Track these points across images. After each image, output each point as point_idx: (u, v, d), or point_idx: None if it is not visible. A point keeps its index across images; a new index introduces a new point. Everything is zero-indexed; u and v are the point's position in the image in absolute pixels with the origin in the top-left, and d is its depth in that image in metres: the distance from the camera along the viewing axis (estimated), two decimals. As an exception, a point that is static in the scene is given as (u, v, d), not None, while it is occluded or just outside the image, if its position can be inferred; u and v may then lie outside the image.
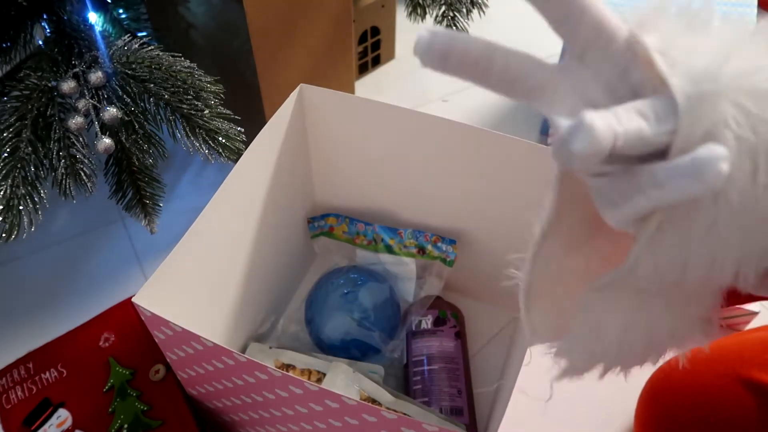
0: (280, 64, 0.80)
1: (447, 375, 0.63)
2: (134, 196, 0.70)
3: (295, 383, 0.43)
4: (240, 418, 0.55)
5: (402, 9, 1.26)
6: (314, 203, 0.76)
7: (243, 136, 0.65)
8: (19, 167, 0.58)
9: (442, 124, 0.59)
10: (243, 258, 0.60)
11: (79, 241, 0.85)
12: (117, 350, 0.59)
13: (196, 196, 0.89)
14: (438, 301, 0.70)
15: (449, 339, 0.66)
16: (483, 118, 1.03)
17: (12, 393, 0.57)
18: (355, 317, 0.64)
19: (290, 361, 0.61)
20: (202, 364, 0.48)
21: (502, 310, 0.76)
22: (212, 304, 0.57)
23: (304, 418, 0.47)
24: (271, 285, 0.68)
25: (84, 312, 0.77)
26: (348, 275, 0.67)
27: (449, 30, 0.25)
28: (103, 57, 0.63)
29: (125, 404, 0.55)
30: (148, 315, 0.45)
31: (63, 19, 0.66)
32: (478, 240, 0.68)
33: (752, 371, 0.51)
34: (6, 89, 0.66)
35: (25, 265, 0.82)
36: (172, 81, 0.62)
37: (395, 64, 1.15)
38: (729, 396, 0.51)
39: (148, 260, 0.82)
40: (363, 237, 0.72)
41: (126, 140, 0.65)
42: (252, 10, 0.70)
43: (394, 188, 0.69)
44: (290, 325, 0.71)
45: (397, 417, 0.40)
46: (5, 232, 0.57)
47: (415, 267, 0.69)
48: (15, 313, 0.77)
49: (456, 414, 0.61)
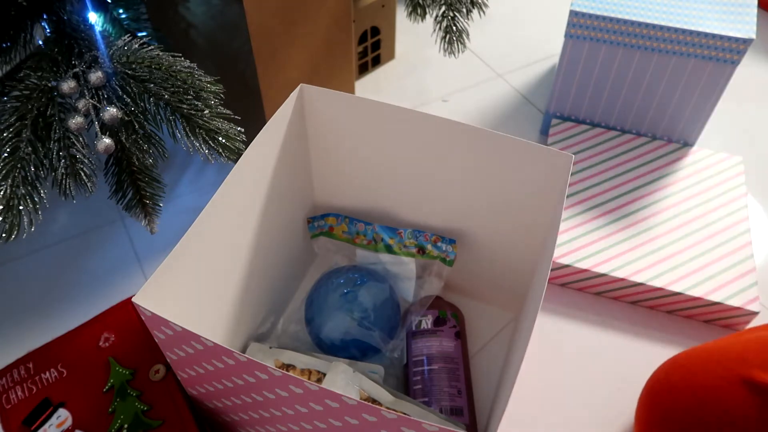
0: (280, 64, 0.80)
1: (447, 375, 0.63)
2: (134, 196, 0.70)
3: (295, 383, 0.43)
4: (240, 418, 0.55)
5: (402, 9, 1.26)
6: (314, 203, 0.76)
7: (243, 136, 0.65)
8: (19, 167, 0.58)
9: (442, 124, 0.59)
10: (243, 258, 0.60)
11: (79, 241, 0.85)
12: (117, 350, 0.59)
13: (196, 196, 0.89)
14: (438, 301, 0.70)
15: (449, 339, 0.66)
16: (483, 118, 1.03)
17: (12, 393, 0.57)
18: (355, 317, 0.64)
19: (290, 361, 0.61)
20: (202, 364, 0.48)
21: (502, 310, 0.76)
22: (212, 304, 0.57)
23: (304, 417, 0.47)
24: (271, 285, 0.68)
25: (84, 312, 0.77)
26: (348, 275, 0.67)
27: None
28: (103, 57, 0.63)
29: (125, 404, 0.55)
30: (148, 315, 0.45)
31: (63, 19, 0.66)
32: (478, 240, 0.69)
33: (753, 371, 0.51)
34: (6, 89, 0.66)
35: (25, 265, 0.82)
36: (172, 81, 0.62)
37: (395, 64, 1.15)
38: (730, 396, 0.51)
39: (148, 260, 0.82)
40: (363, 237, 0.72)
41: (126, 140, 0.65)
42: (252, 10, 0.70)
43: (394, 188, 0.69)
44: (290, 325, 0.71)
45: (397, 417, 0.40)
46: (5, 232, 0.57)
47: (415, 267, 0.69)
48: (15, 313, 0.77)
49: (456, 414, 0.61)
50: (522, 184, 0.60)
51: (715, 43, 0.80)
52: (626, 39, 0.83)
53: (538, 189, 0.60)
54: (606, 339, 0.74)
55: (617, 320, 0.76)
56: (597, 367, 0.72)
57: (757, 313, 0.72)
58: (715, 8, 0.83)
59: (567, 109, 0.95)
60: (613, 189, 0.85)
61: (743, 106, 1.06)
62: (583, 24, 0.84)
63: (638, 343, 0.74)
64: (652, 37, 0.82)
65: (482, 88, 1.10)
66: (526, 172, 0.59)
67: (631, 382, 0.70)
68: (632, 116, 0.92)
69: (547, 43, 1.20)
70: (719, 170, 0.87)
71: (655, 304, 0.77)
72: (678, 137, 0.92)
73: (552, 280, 0.79)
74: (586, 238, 0.79)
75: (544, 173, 0.59)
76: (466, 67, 1.14)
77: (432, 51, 1.18)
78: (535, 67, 1.14)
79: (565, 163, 0.57)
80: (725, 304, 0.72)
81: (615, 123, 0.94)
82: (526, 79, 1.11)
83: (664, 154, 0.90)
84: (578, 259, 0.76)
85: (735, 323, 0.74)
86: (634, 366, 0.72)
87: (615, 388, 0.70)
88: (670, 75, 0.85)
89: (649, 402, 0.59)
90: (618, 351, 0.73)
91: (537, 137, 1.00)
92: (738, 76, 1.12)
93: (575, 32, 0.85)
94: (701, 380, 0.54)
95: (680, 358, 0.59)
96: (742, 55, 0.80)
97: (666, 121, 0.91)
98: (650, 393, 0.59)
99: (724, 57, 0.81)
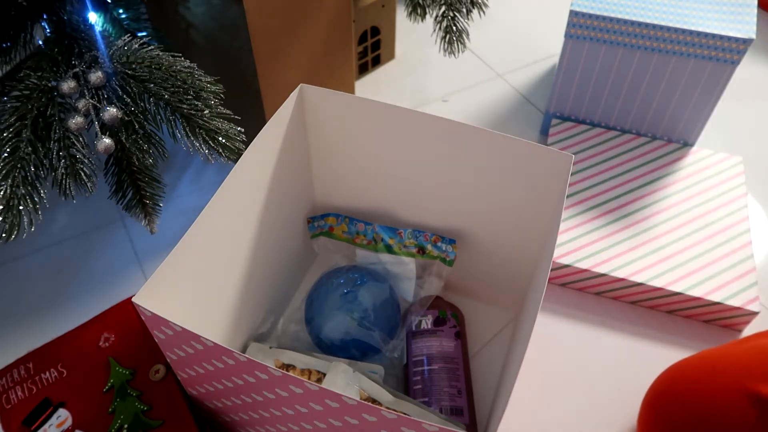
0: (280, 64, 0.80)
1: (447, 375, 0.63)
2: (134, 196, 0.70)
3: (295, 383, 0.43)
4: (240, 417, 0.55)
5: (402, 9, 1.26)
6: (314, 203, 0.76)
7: (243, 136, 0.65)
8: (19, 167, 0.58)
9: (442, 124, 0.59)
10: (243, 258, 0.60)
11: (79, 241, 0.85)
12: (117, 350, 0.59)
13: (196, 196, 0.89)
14: (438, 301, 0.70)
15: (449, 339, 0.66)
16: (483, 118, 1.03)
17: (12, 393, 0.57)
18: (355, 317, 0.64)
19: (290, 361, 0.61)
20: (202, 364, 0.48)
21: (502, 310, 0.76)
22: (212, 304, 0.57)
23: (304, 417, 0.47)
24: (271, 285, 0.68)
25: (84, 312, 0.77)
26: (348, 275, 0.67)
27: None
28: (103, 57, 0.63)
29: (125, 404, 0.55)
30: (148, 315, 0.45)
31: (63, 19, 0.66)
32: (478, 240, 0.68)
33: (759, 385, 0.50)
34: (6, 89, 0.66)
35: (25, 265, 0.82)
36: (172, 81, 0.62)
37: (395, 64, 1.15)
38: (735, 409, 0.51)
39: (148, 260, 0.82)
40: (363, 237, 0.72)
41: (126, 140, 0.65)
42: (252, 10, 0.70)
43: (394, 188, 0.69)
44: (290, 325, 0.71)
45: (397, 417, 0.40)
46: (5, 232, 0.57)
47: (415, 267, 0.69)
48: (15, 312, 0.77)
49: (456, 414, 0.61)
50: (522, 184, 0.60)
51: (715, 43, 0.80)
52: (626, 39, 0.83)
53: (538, 189, 0.60)
54: (606, 339, 0.74)
55: (617, 320, 0.76)
56: (597, 367, 0.72)
57: (757, 313, 0.72)
58: (715, 8, 0.83)
59: (567, 109, 0.95)
60: (613, 189, 0.85)
61: (743, 106, 1.06)
62: (583, 24, 0.84)
63: (638, 343, 0.74)
64: (652, 37, 0.82)
65: (482, 88, 1.10)
66: (526, 172, 0.59)
67: (630, 383, 0.70)
68: (632, 116, 0.92)
69: (547, 43, 1.20)
70: (719, 170, 0.87)
71: (655, 304, 0.77)
72: (678, 137, 0.92)
73: (552, 280, 0.79)
74: (586, 238, 0.79)
75: (544, 173, 0.59)
76: (466, 67, 1.14)
77: (432, 51, 1.18)
78: (535, 67, 1.14)
79: (565, 163, 0.57)
80: (725, 304, 0.72)
81: (615, 123, 0.94)
82: (526, 79, 1.11)
83: (664, 154, 0.90)
84: (578, 259, 0.76)
85: (735, 323, 0.74)
86: (634, 366, 0.72)
87: (615, 388, 0.70)
88: (670, 75, 0.85)
89: (654, 410, 0.58)
90: (618, 351, 0.73)
91: (537, 137, 1.00)
92: (738, 76, 1.12)
93: (575, 32, 0.85)
94: (706, 391, 0.53)
95: (684, 366, 0.58)
96: (742, 55, 0.80)
97: (666, 121, 0.91)
98: (654, 401, 0.59)
99: (724, 57, 0.81)
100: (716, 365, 0.55)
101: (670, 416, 0.56)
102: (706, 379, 0.54)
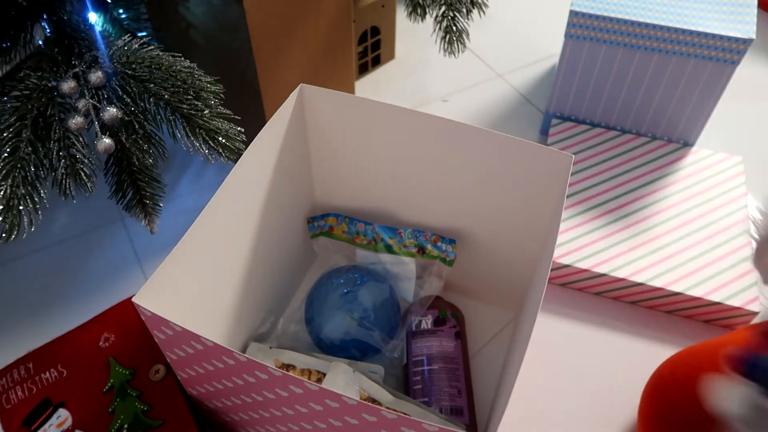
0: (280, 64, 0.80)
1: (447, 375, 0.63)
2: (134, 196, 0.70)
3: (295, 383, 0.43)
4: (240, 417, 0.55)
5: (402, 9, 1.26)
6: (314, 203, 0.76)
7: (243, 136, 0.65)
8: (19, 167, 0.58)
9: (442, 124, 0.59)
10: (243, 258, 0.60)
11: (79, 241, 0.85)
12: (117, 350, 0.59)
13: (196, 196, 0.89)
14: (438, 301, 0.70)
15: (449, 339, 0.66)
16: (483, 118, 1.03)
17: (12, 393, 0.57)
18: (355, 317, 0.64)
19: (290, 361, 0.61)
20: (202, 364, 0.48)
21: (502, 310, 0.76)
22: (212, 304, 0.57)
23: (304, 417, 0.47)
24: (271, 285, 0.68)
25: (84, 312, 0.77)
26: (348, 275, 0.67)
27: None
28: (103, 57, 0.63)
29: (125, 404, 0.55)
30: (148, 315, 0.45)
31: (63, 19, 0.66)
32: (478, 240, 0.68)
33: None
34: (6, 89, 0.66)
35: (25, 265, 0.82)
36: (172, 81, 0.62)
37: (395, 64, 1.15)
38: None
39: (148, 260, 0.82)
40: (363, 237, 0.72)
41: (126, 140, 0.65)
42: (252, 10, 0.70)
43: (394, 188, 0.69)
44: (290, 325, 0.71)
45: (397, 417, 0.40)
46: (5, 232, 0.57)
47: (415, 267, 0.69)
48: (15, 312, 0.77)
49: (456, 414, 0.61)
50: (522, 184, 0.60)
51: (715, 43, 0.80)
52: (626, 39, 0.83)
53: (538, 189, 0.60)
54: (606, 339, 0.74)
55: (617, 320, 0.76)
56: (597, 367, 0.72)
57: (757, 313, 0.72)
58: (715, 8, 0.83)
59: (567, 109, 0.95)
60: (613, 189, 0.85)
61: (743, 106, 1.06)
62: (583, 24, 0.84)
63: (638, 343, 0.74)
64: (652, 37, 0.82)
65: (482, 88, 1.10)
66: (526, 172, 0.59)
67: (631, 382, 0.70)
68: (632, 116, 0.92)
69: (547, 43, 1.20)
70: (719, 170, 0.87)
71: (655, 304, 0.77)
72: (678, 137, 0.92)
73: (552, 280, 0.79)
74: (586, 238, 0.79)
75: (544, 173, 0.59)
76: (466, 67, 1.14)
77: (432, 51, 1.18)
78: (535, 67, 1.14)
79: (565, 163, 0.57)
80: (725, 304, 0.72)
81: (615, 123, 0.94)
82: (526, 79, 1.11)
83: (664, 154, 0.90)
84: (578, 259, 0.76)
85: (735, 323, 0.74)
86: (634, 366, 0.72)
87: (615, 388, 0.70)
88: (670, 75, 0.85)
89: (654, 397, 0.59)
90: (618, 351, 0.73)
91: (537, 137, 1.00)
92: (738, 76, 1.12)
93: (575, 32, 0.85)
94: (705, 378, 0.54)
95: (684, 354, 0.59)
96: (742, 55, 0.80)
97: (666, 121, 0.91)
98: (655, 388, 0.59)
99: (724, 57, 0.81)
100: (716, 352, 0.55)
101: (671, 402, 0.56)
102: (706, 364, 0.55)
